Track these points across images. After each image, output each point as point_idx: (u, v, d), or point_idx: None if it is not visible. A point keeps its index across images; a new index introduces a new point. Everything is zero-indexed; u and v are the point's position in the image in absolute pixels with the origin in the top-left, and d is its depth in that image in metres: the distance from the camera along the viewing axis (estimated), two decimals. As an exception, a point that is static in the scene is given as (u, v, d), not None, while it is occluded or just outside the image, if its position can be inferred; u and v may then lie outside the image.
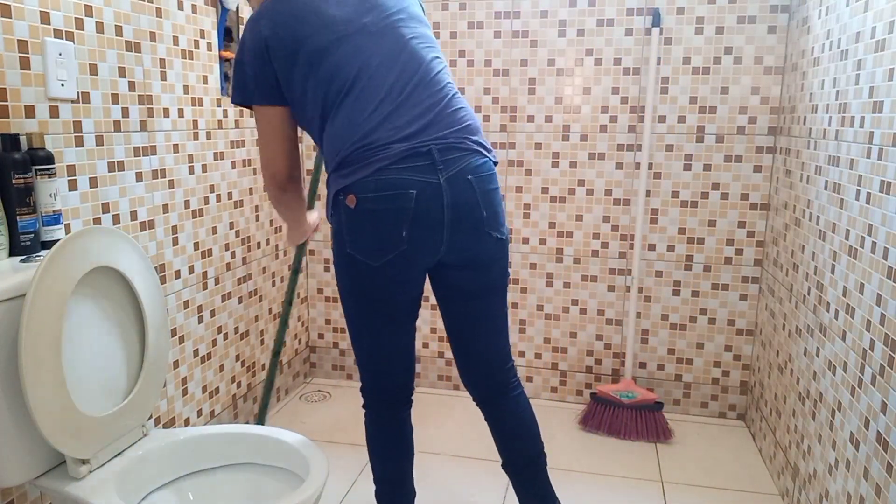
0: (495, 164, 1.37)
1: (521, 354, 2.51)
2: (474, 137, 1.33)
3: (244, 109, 2.12)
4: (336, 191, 1.29)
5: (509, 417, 1.47)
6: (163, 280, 1.78)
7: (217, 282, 2.03)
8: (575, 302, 2.42)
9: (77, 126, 1.46)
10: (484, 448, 2.15)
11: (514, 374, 1.48)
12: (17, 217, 1.26)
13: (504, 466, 1.51)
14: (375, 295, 1.33)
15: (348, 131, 1.26)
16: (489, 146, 1.37)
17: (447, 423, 2.32)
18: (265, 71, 1.31)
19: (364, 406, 1.50)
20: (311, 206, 1.78)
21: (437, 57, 1.35)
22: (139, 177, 1.67)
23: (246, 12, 2.11)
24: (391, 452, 1.48)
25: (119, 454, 1.27)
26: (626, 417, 2.23)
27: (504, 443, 1.49)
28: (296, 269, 1.80)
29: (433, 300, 2.55)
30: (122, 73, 1.59)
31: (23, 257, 1.25)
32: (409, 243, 1.27)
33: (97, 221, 1.53)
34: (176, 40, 1.78)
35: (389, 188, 1.24)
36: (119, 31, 1.57)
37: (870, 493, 1.33)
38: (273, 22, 1.29)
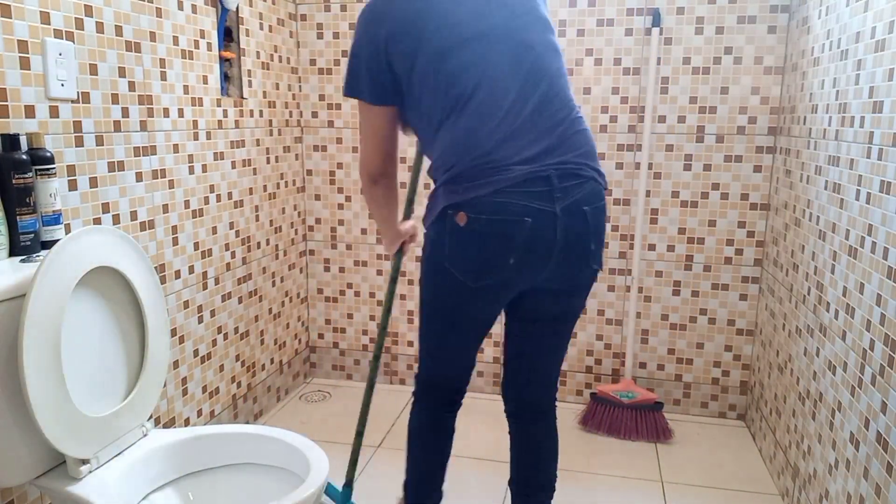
0: (606, 189, 1.33)
1: (521, 354, 2.51)
2: (593, 164, 1.27)
3: (243, 110, 2.12)
4: (446, 205, 1.23)
5: (539, 441, 1.45)
6: (163, 280, 1.78)
7: (217, 282, 2.03)
8: (575, 302, 2.42)
9: (77, 126, 1.46)
10: (485, 448, 2.15)
11: (555, 401, 1.47)
12: (17, 217, 1.26)
13: (513, 484, 1.49)
14: (461, 310, 1.30)
15: (466, 145, 1.20)
16: (603, 172, 1.31)
17: (447, 423, 2.32)
18: (381, 72, 1.25)
19: (414, 396, 1.49)
20: (406, 216, 1.67)
21: (560, 68, 1.27)
22: (139, 177, 1.67)
23: (246, 12, 2.11)
24: (430, 449, 1.48)
25: (119, 454, 1.27)
26: (626, 417, 2.23)
27: (524, 463, 1.47)
28: (394, 278, 1.69)
29: (416, 300, 2.55)
30: (122, 73, 1.59)
31: (23, 257, 1.25)
32: (514, 271, 1.23)
33: (97, 221, 1.53)
34: (176, 40, 1.78)
35: (503, 213, 1.19)
36: (119, 31, 1.57)
37: (870, 493, 1.33)
38: (392, 19, 1.22)
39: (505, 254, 1.21)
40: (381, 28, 1.23)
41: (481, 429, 2.29)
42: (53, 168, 1.32)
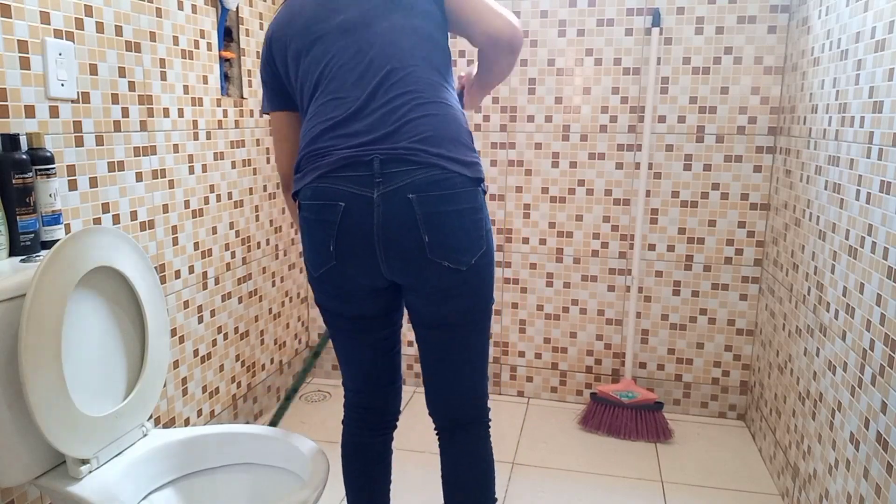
0: (475, 180, 1.18)
1: (521, 354, 2.51)
2: (435, 150, 1.15)
3: (243, 110, 2.12)
4: (293, 193, 1.26)
5: (457, 460, 1.33)
6: (163, 280, 1.78)
7: (217, 282, 2.03)
8: (575, 302, 2.42)
9: (77, 126, 1.46)
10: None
11: (478, 414, 1.33)
12: (17, 217, 1.26)
13: None
14: (324, 304, 1.28)
15: (305, 137, 1.22)
16: (468, 159, 1.19)
17: (447, 423, 2.32)
18: (269, 74, 1.30)
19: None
20: None
21: (420, 51, 1.20)
22: (139, 177, 1.67)
23: (246, 12, 2.11)
24: (356, 475, 1.39)
25: (119, 454, 1.27)
26: (626, 417, 2.23)
27: (448, 485, 1.34)
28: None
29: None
30: (122, 73, 1.59)
31: (23, 257, 1.25)
32: (338, 259, 1.18)
33: (97, 221, 1.53)
34: (176, 40, 1.78)
35: (321, 198, 1.17)
36: (119, 31, 1.57)
37: (870, 493, 1.33)
38: (275, 24, 1.28)
39: (325, 240, 1.18)
40: (267, 34, 1.30)
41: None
42: (53, 168, 1.32)
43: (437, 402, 1.33)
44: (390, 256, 1.17)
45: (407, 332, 2.60)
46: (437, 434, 1.37)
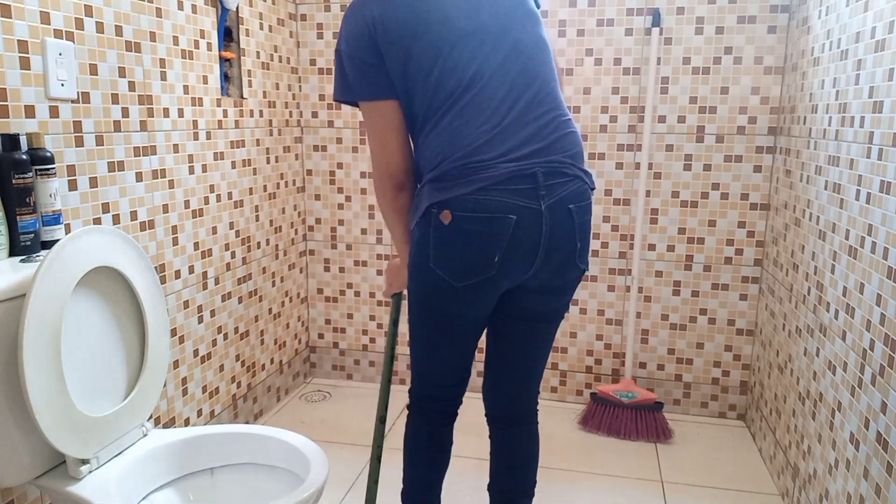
0: (592, 189, 1.29)
1: (521, 354, 2.50)
2: (580, 164, 1.25)
3: (243, 110, 2.12)
4: (430, 203, 1.20)
5: (518, 446, 1.43)
6: (163, 280, 1.78)
7: (217, 282, 2.03)
8: (575, 302, 2.42)
9: (77, 126, 1.46)
10: (483, 448, 2.15)
11: (537, 405, 1.45)
12: (17, 217, 1.26)
13: (491, 490, 1.47)
14: (449, 312, 1.27)
15: (453, 143, 1.18)
16: (590, 172, 1.29)
17: (447, 423, 2.32)
18: (372, 59, 1.20)
19: (408, 409, 1.46)
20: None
21: (551, 68, 1.26)
22: (139, 177, 1.67)
23: (246, 12, 2.11)
24: (426, 464, 1.44)
25: (119, 454, 1.27)
26: (626, 417, 2.23)
27: (502, 469, 1.45)
28: (395, 320, 1.53)
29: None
30: (122, 73, 1.59)
31: (23, 257, 1.25)
32: (499, 269, 1.20)
33: (97, 221, 1.53)
34: (176, 40, 1.78)
35: (489, 210, 1.17)
36: (119, 31, 1.57)
37: (870, 493, 1.33)
38: (384, 5, 1.18)
39: (490, 251, 1.19)
40: (369, 13, 1.19)
41: (482, 429, 2.29)
42: (53, 168, 1.32)
43: (509, 393, 1.41)
44: (547, 262, 1.23)
45: (407, 334, 2.60)
46: (492, 423, 1.46)
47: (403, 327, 2.54)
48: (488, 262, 1.20)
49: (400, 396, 2.54)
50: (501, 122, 1.19)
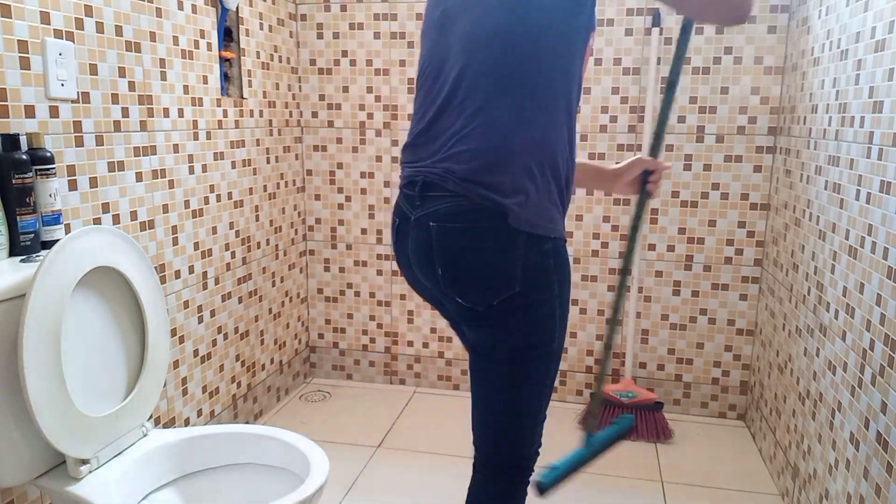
0: (501, 215, 1.02)
1: (521, 354, 2.50)
2: (466, 184, 1.03)
3: (243, 110, 2.12)
4: None
5: (468, 498, 1.22)
6: (163, 280, 1.78)
7: (217, 282, 2.03)
8: (575, 302, 2.42)
9: (77, 126, 1.46)
10: (484, 448, 2.15)
11: (501, 462, 1.18)
12: (17, 217, 1.26)
13: None
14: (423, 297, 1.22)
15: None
16: (491, 195, 1.02)
17: (447, 423, 2.32)
18: None
19: (522, 478, 1.21)
20: (654, 154, 1.36)
21: (494, 59, 1.03)
22: (139, 177, 1.67)
23: (246, 12, 2.11)
24: None
25: (119, 454, 1.27)
26: (626, 417, 2.23)
27: None
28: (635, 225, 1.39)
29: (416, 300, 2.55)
30: (122, 73, 1.59)
31: (23, 257, 1.25)
32: (407, 270, 1.17)
33: (97, 221, 1.53)
34: (176, 40, 1.78)
35: (394, 211, 1.17)
36: (119, 31, 1.57)
37: (870, 493, 1.33)
38: None
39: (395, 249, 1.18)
40: None
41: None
42: (53, 168, 1.32)
43: (480, 438, 1.21)
44: (426, 280, 1.14)
45: (409, 334, 2.60)
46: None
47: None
48: (399, 259, 1.18)
49: (399, 396, 2.54)
50: (421, 124, 1.11)
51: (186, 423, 1.92)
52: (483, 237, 1.04)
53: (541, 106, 1.04)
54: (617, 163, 1.37)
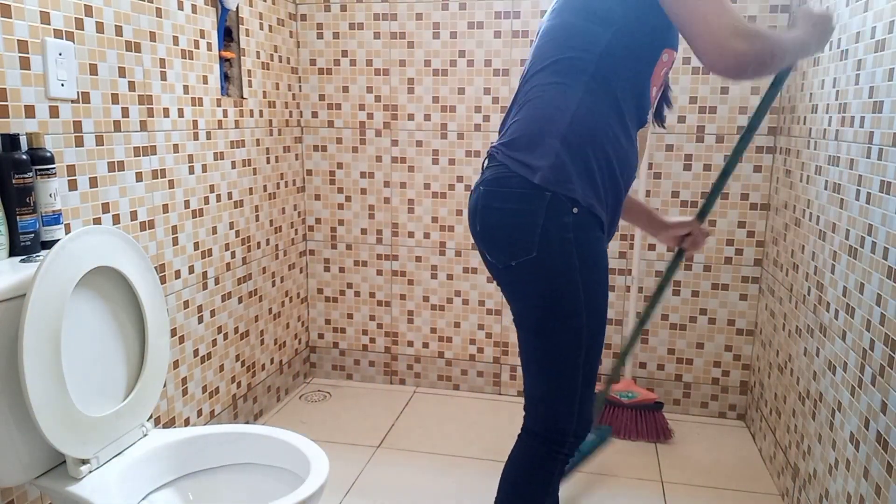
0: (535, 184, 1.12)
1: (521, 354, 2.50)
2: (512, 153, 1.17)
3: (243, 110, 2.12)
4: None
5: (507, 461, 1.28)
6: (163, 280, 1.78)
7: (217, 282, 2.03)
8: (575, 302, 2.42)
9: (77, 126, 1.46)
10: (483, 448, 2.15)
11: (536, 426, 1.23)
12: (17, 217, 1.26)
13: None
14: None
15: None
16: (536, 164, 1.13)
17: (447, 423, 2.32)
18: None
19: (556, 452, 1.24)
20: (703, 216, 1.49)
21: (553, 53, 1.18)
22: (139, 177, 1.67)
23: (246, 12, 2.11)
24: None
25: (119, 454, 1.27)
26: (626, 417, 2.23)
27: None
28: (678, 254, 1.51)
29: (416, 300, 2.55)
30: (122, 73, 1.59)
31: (23, 257, 1.25)
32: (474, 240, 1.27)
33: (97, 221, 1.53)
34: (176, 40, 1.78)
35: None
36: (119, 31, 1.57)
37: (870, 493, 1.33)
38: None
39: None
40: None
41: (482, 429, 2.29)
42: (53, 168, 1.32)
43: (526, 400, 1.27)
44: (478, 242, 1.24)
45: (409, 334, 2.60)
46: None
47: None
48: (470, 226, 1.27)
49: (399, 396, 2.54)
50: (514, 98, 1.26)
51: (186, 423, 1.92)
52: (510, 198, 1.15)
53: (584, 92, 1.15)
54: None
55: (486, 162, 1.24)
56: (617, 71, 1.16)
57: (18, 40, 1.31)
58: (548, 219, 1.12)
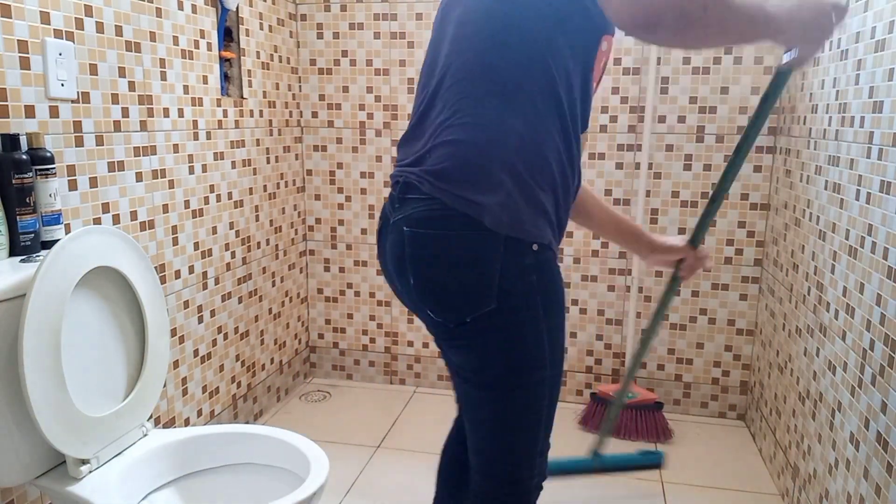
0: (477, 220, 0.94)
1: (521, 354, 2.50)
2: (446, 185, 0.96)
3: (243, 110, 2.12)
4: None
5: None
6: (163, 280, 1.78)
7: (217, 282, 2.03)
8: (575, 302, 2.42)
9: (77, 126, 1.46)
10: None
11: (489, 483, 1.08)
12: (17, 217, 1.26)
13: None
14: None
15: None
16: (483, 201, 0.94)
17: (447, 423, 2.32)
18: None
19: None
20: (696, 241, 1.36)
21: (483, 50, 0.97)
22: (139, 177, 1.67)
23: (246, 12, 2.11)
24: None
25: (119, 454, 1.27)
26: (626, 417, 2.23)
27: None
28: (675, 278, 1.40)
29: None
30: (122, 73, 1.59)
31: (23, 257, 1.25)
32: (389, 279, 1.09)
33: (97, 221, 1.53)
34: (176, 40, 1.78)
35: (380, 214, 1.10)
36: (119, 31, 1.57)
37: (870, 493, 1.33)
38: None
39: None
40: None
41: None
42: (53, 168, 1.32)
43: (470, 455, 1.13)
44: (400, 288, 1.07)
45: (409, 334, 2.60)
46: None
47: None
48: (381, 263, 1.10)
49: (399, 396, 2.54)
50: (413, 120, 1.05)
51: (186, 423, 1.92)
52: (457, 245, 0.95)
53: (528, 104, 0.96)
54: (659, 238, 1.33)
55: (400, 190, 1.01)
56: (562, 74, 0.97)
57: (18, 40, 1.31)
58: (506, 264, 0.95)
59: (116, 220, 1.60)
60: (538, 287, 0.98)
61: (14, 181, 1.25)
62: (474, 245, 0.95)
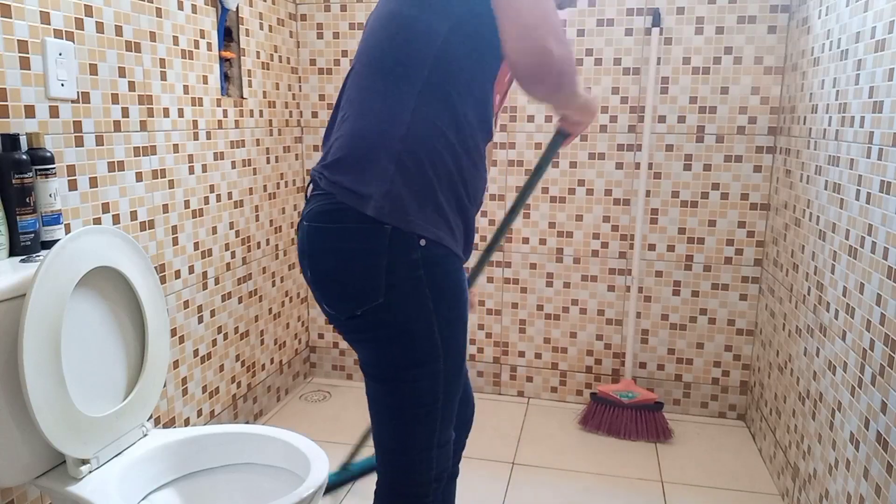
0: (370, 217, 0.96)
1: (522, 354, 2.51)
2: (336, 177, 0.99)
3: (243, 110, 2.12)
4: None
5: None
6: (163, 280, 1.78)
7: (217, 282, 2.03)
8: (575, 302, 2.42)
9: (77, 126, 1.46)
10: (483, 447, 2.15)
11: (391, 476, 1.10)
12: (17, 217, 1.26)
13: None
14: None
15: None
16: (367, 191, 0.96)
17: (447, 423, 2.32)
18: None
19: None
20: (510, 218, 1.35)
21: (381, 48, 1.01)
22: (139, 177, 1.67)
23: (246, 12, 2.11)
24: None
25: (119, 454, 1.27)
26: (626, 417, 2.23)
27: None
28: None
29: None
30: (122, 73, 1.59)
31: (23, 257, 1.25)
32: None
33: (97, 221, 1.53)
34: (176, 40, 1.78)
35: None
36: (119, 31, 1.57)
37: (870, 493, 1.33)
38: None
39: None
40: None
41: (482, 429, 2.29)
42: (53, 168, 1.32)
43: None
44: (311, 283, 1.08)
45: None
46: None
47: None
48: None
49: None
50: (338, 102, 1.11)
51: (186, 423, 1.92)
52: (346, 238, 0.98)
53: (416, 96, 0.98)
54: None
55: (309, 188, 1.06)
56: (454, 73, 0.99)
57: (18, 40, 1.31)
58: (392, 257, 0.97)
59: (116, 220, 1.60)
60: (427, 282, 0.99)
61: (14, 181, 1.25)
62: (361, 238, 0.97)
